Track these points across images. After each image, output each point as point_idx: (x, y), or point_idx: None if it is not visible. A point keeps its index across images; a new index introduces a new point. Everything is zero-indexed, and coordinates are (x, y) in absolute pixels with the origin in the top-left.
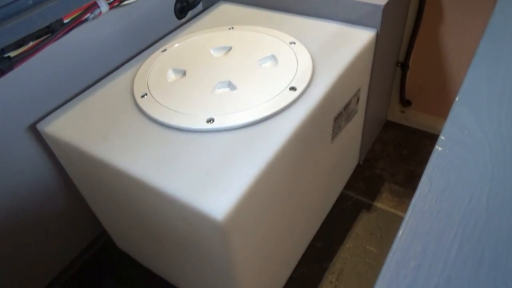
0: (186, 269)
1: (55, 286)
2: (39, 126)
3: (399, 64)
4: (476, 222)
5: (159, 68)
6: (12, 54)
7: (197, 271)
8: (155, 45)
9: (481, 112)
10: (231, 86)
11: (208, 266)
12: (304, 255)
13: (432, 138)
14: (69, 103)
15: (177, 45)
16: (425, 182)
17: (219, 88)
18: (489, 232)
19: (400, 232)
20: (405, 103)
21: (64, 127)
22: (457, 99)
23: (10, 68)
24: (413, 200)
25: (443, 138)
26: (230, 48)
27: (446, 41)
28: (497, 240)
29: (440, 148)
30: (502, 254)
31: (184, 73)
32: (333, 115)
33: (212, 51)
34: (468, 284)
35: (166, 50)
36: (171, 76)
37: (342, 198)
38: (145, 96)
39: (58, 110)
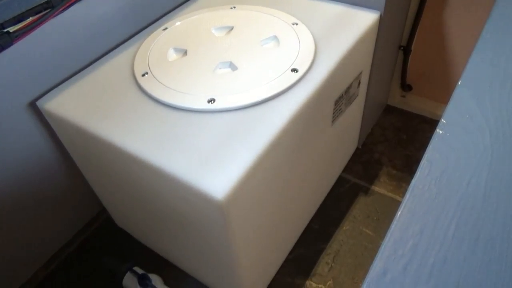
0: (185, 247)
1: (55, 263)
2: (39, 103)
3: (402, 48)
4: (473, 205)
5: (160, 47)
6: (12, 29)
7: (196, 250)
8: (156, 23)
9: (483, 97)
10: (232, 66)
11: (207, 245)
12: (301, 237)
13: (431, 124)
14: (69, 80)
15: (178, 23)
16: (425, 165)
17: (220, 68)
18: (486, 215)
19: (399, 212)
20: (406, 87)
21: (64, 105)
22: (459, 82)
23: (10, 43)
24: (413, 181)
25: (444, 121)
26: (232, 28)
27: (450, 26)
28: (493, 223)
29: (441, 132)
30: (497, 236)
31: (185, 53)
32: (334, 98)
33: (213, 31)
34: (463, 263)
35: (167, 28)
36: (172, 55)
37: (340, 181)
38: (146, 75)
39: (58, 87)
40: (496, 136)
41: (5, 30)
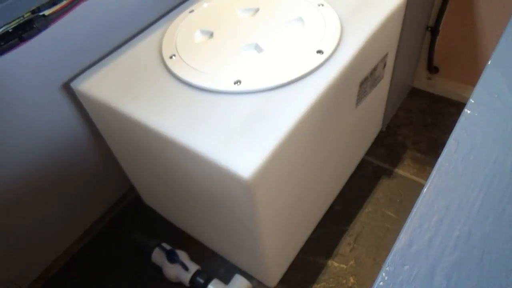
0: (211, 225)
1: (87, 238)
2: (73, 84)
3: (429, 28)
4: (499, 183)
5: (187, 29)
6: (47, 12)
7: (222, 227)
8: (182, 5)
9: None
10: (258, 48)
11: (233, 223)
12: (323, 217)
13: (458, 107)
14: (101, 62)
15: (205, 5)
16: (452, 143)
17: (246, 50)
18: (511, 192)
19: (425, 189)
20: (433, 70)
21: (97, 86)
22: (489, 62)
23: (46, 26)
24: (439, 159)
25: (473, 101)
26: (257, 10)
27: (479, 6)
28: None
29: (468, 111)
30: None
31: (211, 35)
32: (359, 80)
33: (239, 12)
34: (487, 237)
35: (193, 11)
36: (199, 37)
37: (363, 164)
38: (174, 57)
39: (90, 69)
40: None
41: (41, 13)
